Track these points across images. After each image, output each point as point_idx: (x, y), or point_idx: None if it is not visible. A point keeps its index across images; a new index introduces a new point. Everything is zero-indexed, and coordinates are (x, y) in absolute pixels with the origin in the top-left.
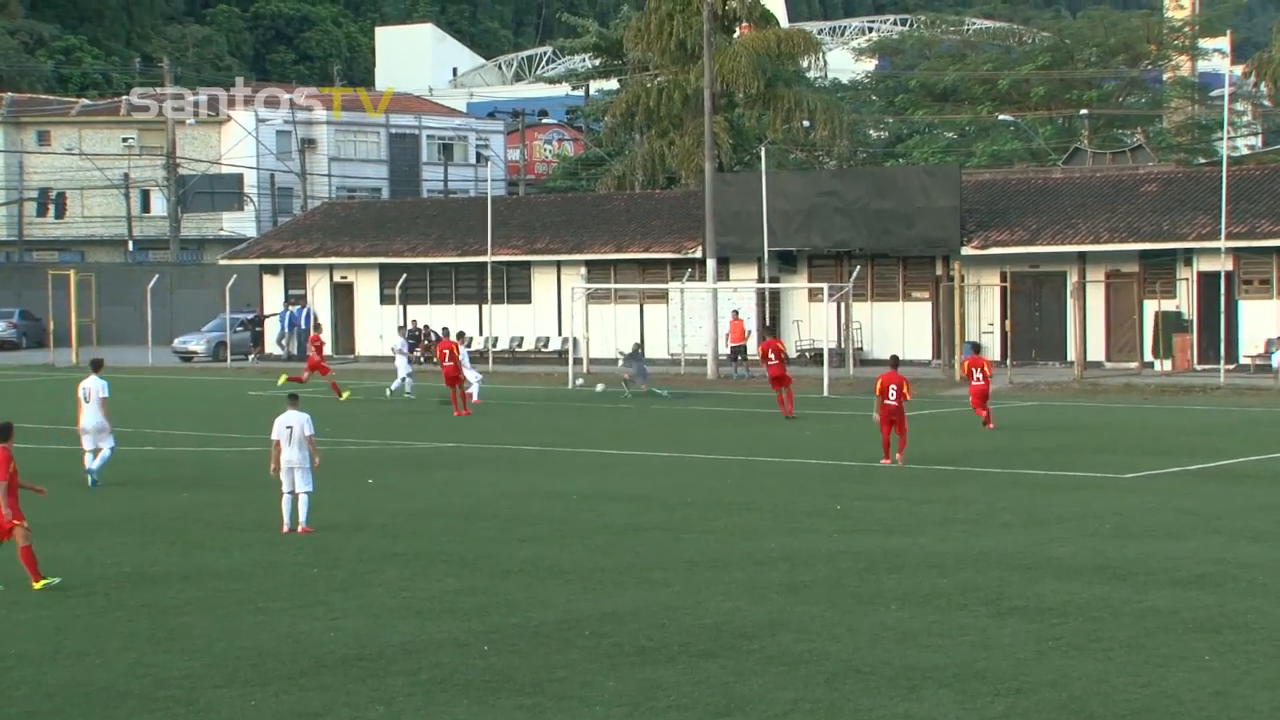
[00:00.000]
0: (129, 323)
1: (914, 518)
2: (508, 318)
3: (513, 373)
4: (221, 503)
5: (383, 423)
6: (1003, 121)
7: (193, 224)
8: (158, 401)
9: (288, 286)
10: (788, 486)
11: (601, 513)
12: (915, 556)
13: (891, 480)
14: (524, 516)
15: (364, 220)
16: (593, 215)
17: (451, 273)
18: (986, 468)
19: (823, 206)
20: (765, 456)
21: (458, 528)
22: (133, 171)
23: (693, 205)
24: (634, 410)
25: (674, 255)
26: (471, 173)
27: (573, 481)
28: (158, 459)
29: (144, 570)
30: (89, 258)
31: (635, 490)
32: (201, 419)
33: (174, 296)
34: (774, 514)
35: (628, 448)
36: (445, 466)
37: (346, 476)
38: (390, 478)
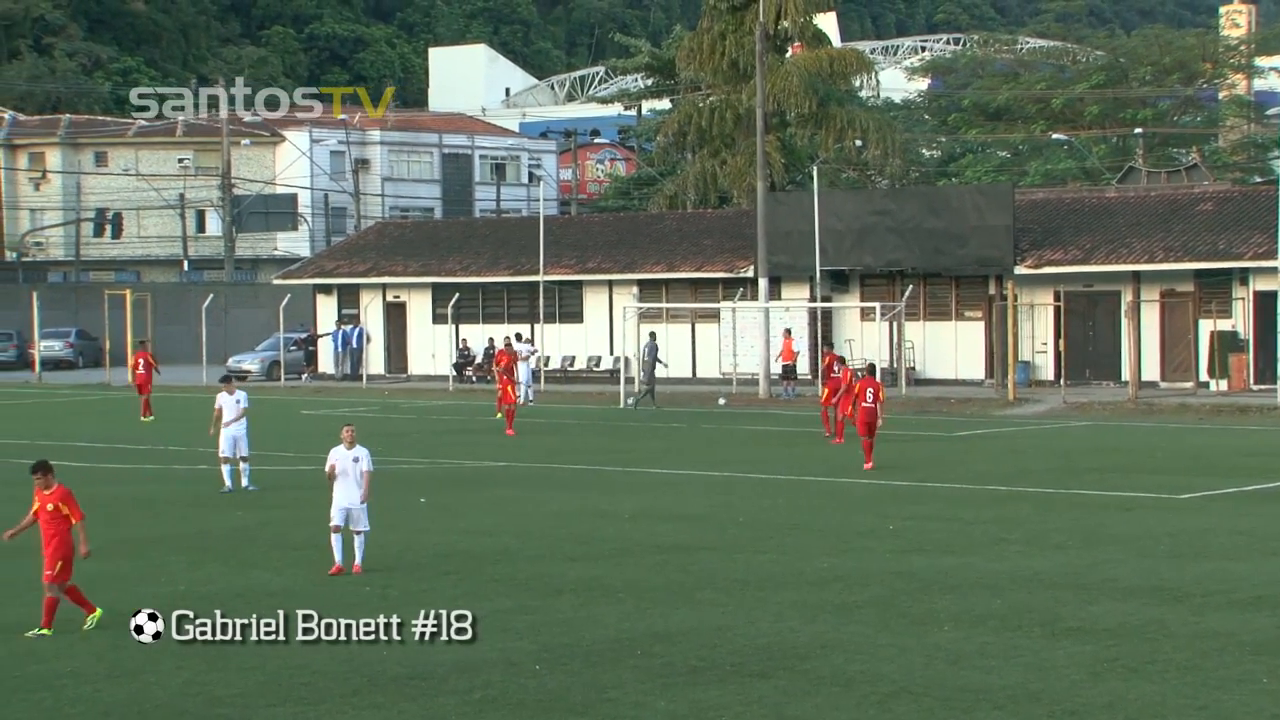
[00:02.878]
0: (184, 342)
1: (967, 538)
2: (560, 337)
3: (564, 392)
4: (274, 521)
5: (433, 442)
6: (1056, 140)
7: (247, 244)
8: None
9: (341, 306)
10: (839, 506)
11: (653, 532)
12: (969, 577)
13: (944, 501)
14: (575, 536)
15: (417, 240)
16: (645, 235)
17: (504, 292)
18: (1040, 488)
19: (875, 226)
20: (816, 476)
21: (509, 547)
22: (188, 192)
23: (744, 224)
24: (685, 430)
25: (726, 274)
26: (524, 192)
27: (624, 501)
28: (212, 478)
29: (198, 589)
30: (144, 277)
31: (687, 510)
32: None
33: (228, 316)
34: (825, 534)
35: (679, 467)
36: (496, 486)
37: (398, 495)
38: (442, 497)
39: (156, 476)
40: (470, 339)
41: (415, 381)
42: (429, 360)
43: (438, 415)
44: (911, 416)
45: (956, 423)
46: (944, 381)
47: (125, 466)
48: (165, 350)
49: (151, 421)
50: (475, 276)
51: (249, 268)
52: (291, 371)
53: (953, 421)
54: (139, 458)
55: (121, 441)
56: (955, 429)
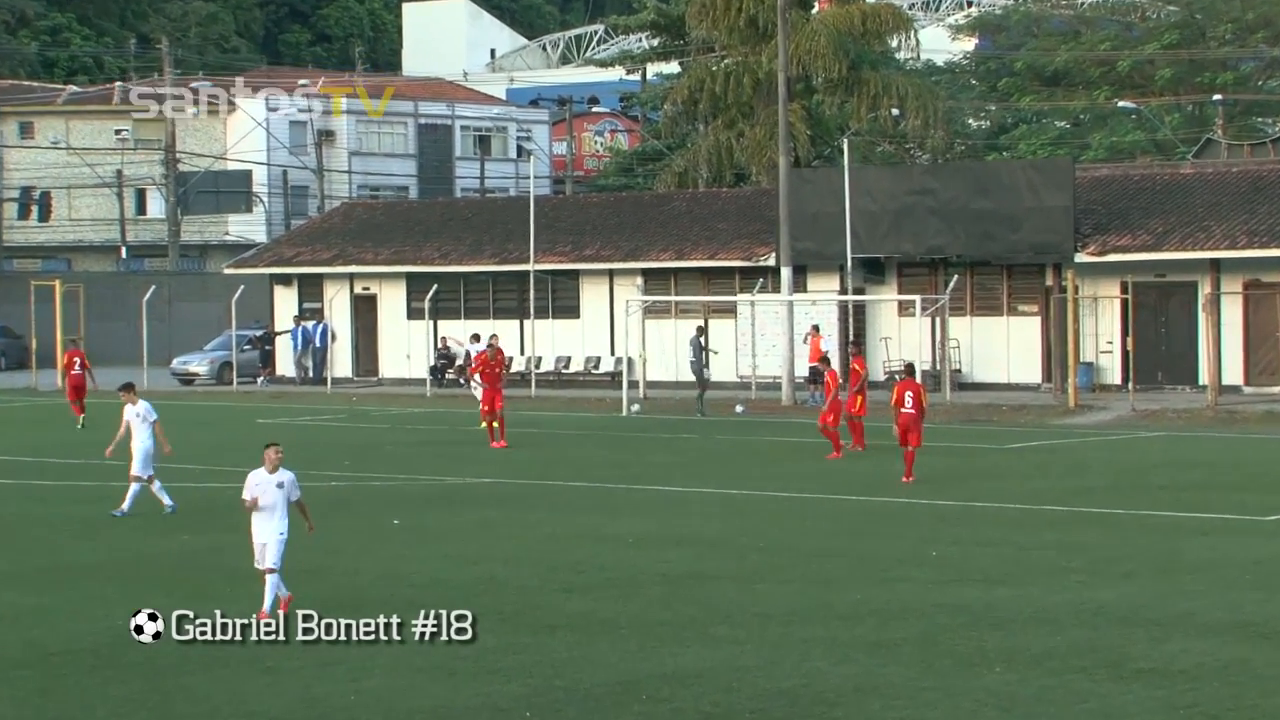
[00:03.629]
0: (122, 340)
1: (1021, 566)
2: (553, 335)
3: (558, 398)
4: (226, 546)
5: (408, 455)
6: (1122, 109)
7: (194, 228)
8: None
9: (302, 299)
10: (874, 529)
11: (661, 559)
12: (1023, 611)
13: (995, 523)
14: (571, 563)
15: (389, 223)
16: (650, 217)
17: (489, 283)
18: (1105, 508)
19: (915, 207)
20: (849, 494)
21: (496, 576)
22: (126, 168)
23: (765, 206)
24: (697, 441)
25: (743, 263)
26: (512, 169)
27: (628, 523)
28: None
29: None
30: (76, 266)
31: (700, 533)
32: (204, 450)
33: (173, 310)
34: (859, 560)
35: (691, 484)
36: (481, 505)
37: (368, 517)
38: (418, 519)
39: (92, 495)
40: (451, 337)
41: (388, 386)
42: (403, 361)
43: (414, 424)
44: (957, 426)
45: (1009, 433)
46: (994, 386)
47: (56, 483)
48: (100, 349)
49: (84, 431)
50: (456, 265)
51: (197, 255)
52: (245, 374)
53: (1004, 432)
54: (71, 473)
55: (52, 454)
56: (1007, 440)
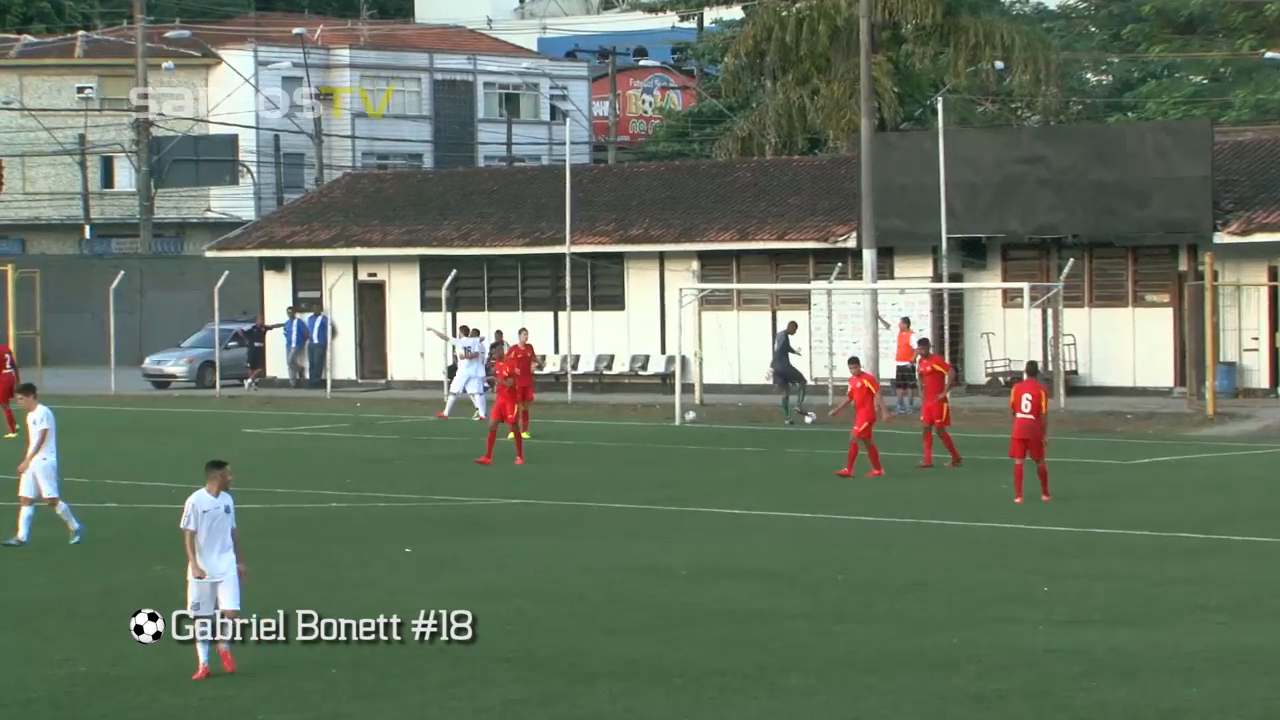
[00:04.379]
0: (85, 335)
1: (1151, 604)
2: (593, 329)
3: (599, 404)
4: None
5: (422, 471)
6: (1270, 61)
7: (170, 203)
8: (122, 442)
9: (297, 286)
10: (974, 560)
11: (720, 594)
12: (1153, 657)
13: (1118, 552)
14: (615, 599)
15: (400, 197)
16: (708, 190)
17: (517, 268)
18: (1251, 535)
19: (1022, 178)
20: (944, 519)
21: (525, 614)
22: (90, 133)
23: (844, 176)
24: (764, 455)
25: (818, 244)
26: (544, 133)
27: (681, 551)
28: (122, 520)
29: (105, 671)
30: (32, 248)
31: (766, 564)
32: (180, 466)
33: (145, 300)
34: (956, 597)
35: (755, 505)
36: (508, 531)
37: (375, 544)
38: (434, 546)
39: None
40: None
41: (398, 389)
42: (416, 361)
43: (429, 435)
44: (1073, 438)
45: (1134, 446)
46: (1116, 390)
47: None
48: (60, 346)
49: (18, 439)
50: (478, 247)
51: (173, 235)
52: (231, 376)
53: (1129, 445)
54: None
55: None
56: (1133, 455)
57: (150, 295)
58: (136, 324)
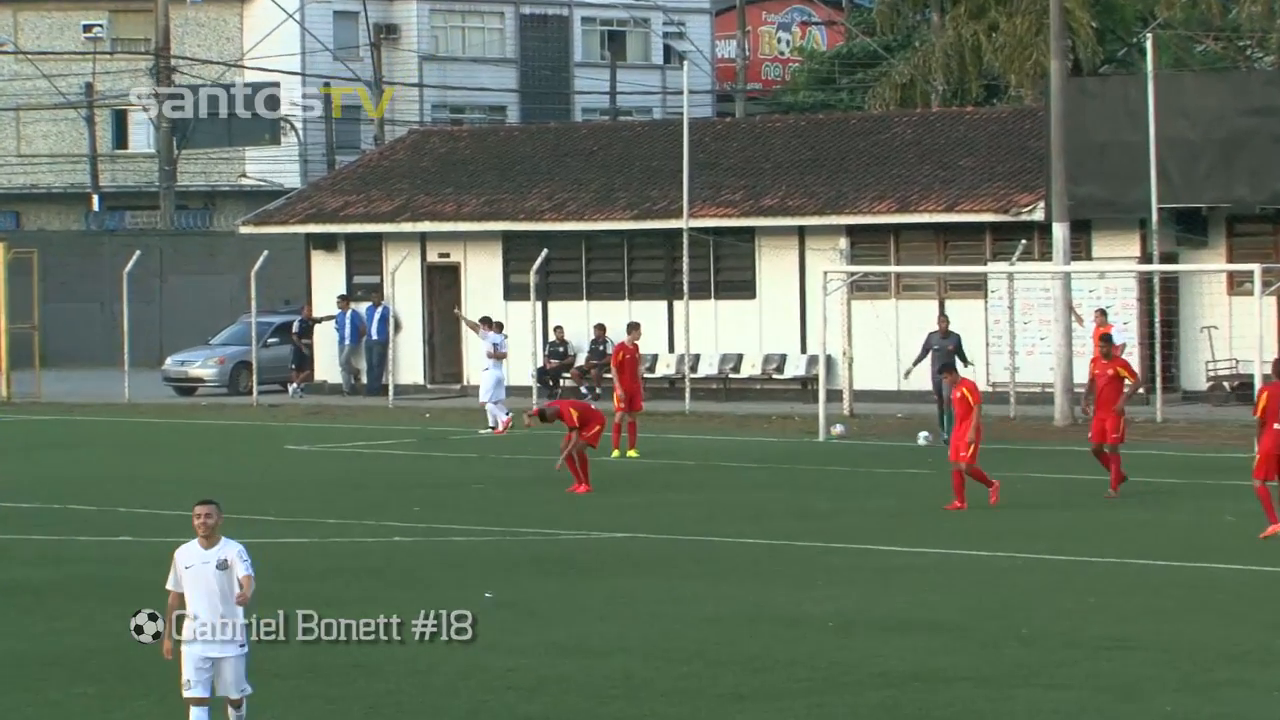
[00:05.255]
0: (92, 329)
1: None
2: (716, 323)
3: (724, 415)
4: None
5: (506, 499)
6: None
7: (197, 167)
8: (139, 461)
9: (352, 270)
10: (1194, 610)
11: (875, 651)
12: None
13: None
14: (743, 657)
15: (479, 159)
16: (859, 150)
17: (621, 246)
18: None
19: (1253, 135)
20: (1152, 558)
21: (632, 676)
22: (100, 81)
23: (1028, 133)
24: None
25: (996, 217)
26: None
27: (826, 599)
28: (139, 558)
29: None
30: (28, 222)
31: (931, 613)
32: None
33: (166, 287)
34: (1169, 655)
35: (918, 542)
36: (611, 572)
37: (448, 589)
38: (521, 590)
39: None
40: (567, 326)
41: (474, 396)
42: None
43: (513, 453)
44: None
45: None
46: None
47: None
48: (62, 342)
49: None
50: (575, 221)
51: (201, 207)
52: (271, 380)
53: None
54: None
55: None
56: None
57: (172, 281)
58: (155, 316)
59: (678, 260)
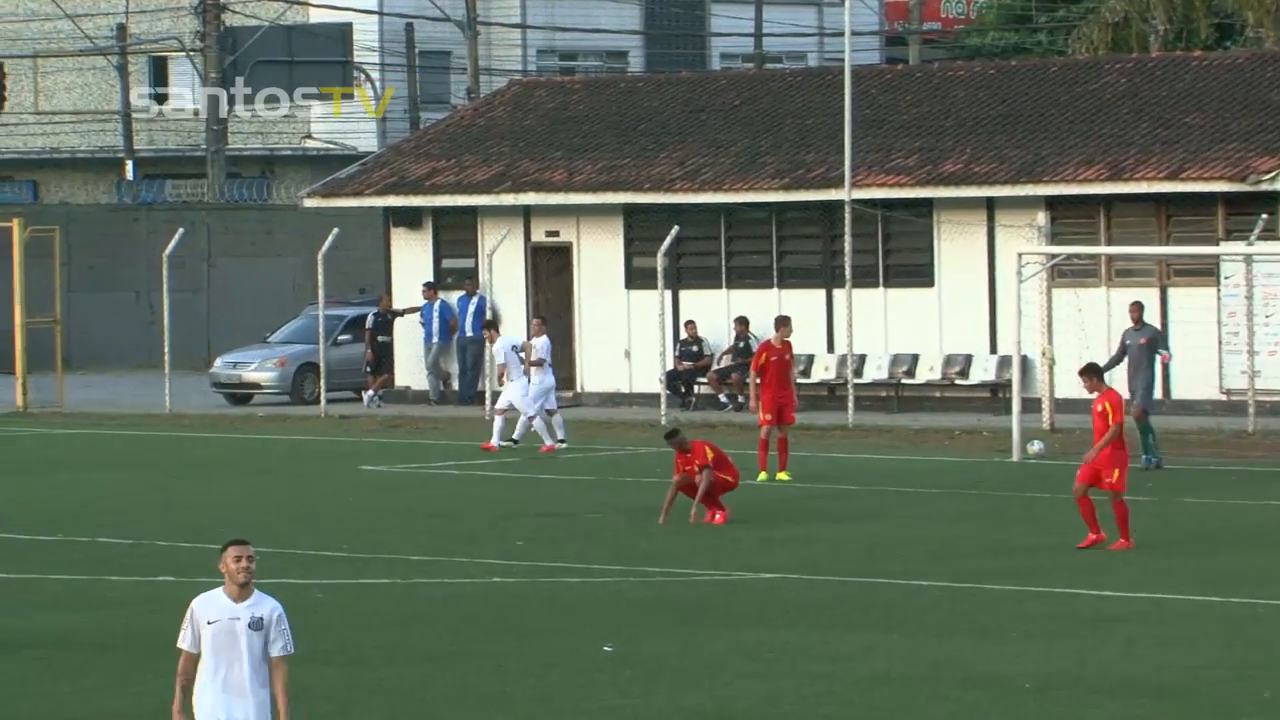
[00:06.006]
0: (126, 323)
1: None
2: (885, 316)
3: (896, 428)
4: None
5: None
6: None
7: (252, 127)
8: (181, 486)
9: (440, 252)
10: None
11: (1081, 718)
12: None
13: None
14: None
15: (595, 116)
16: (1061, 104)
17: (769, 223)
18: None
19: None
20: None
21: None
22: (134, 23)
23: (1269, 83)
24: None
25: (1230, 186)
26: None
27: (1023, 652)
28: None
29: None
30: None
31: (1150, 673)
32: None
33: (215, 272)
34: None
35: (1137, 583)
36: (756, 620)
37: (562, 638)
38: (647, 642)
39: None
40: (703, 320)
41: (591, 405)
42: (619, 362)
43: (637, 475)
44: None
45: None
46: None
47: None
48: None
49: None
50: (713, 192)
51: (257, 175)
52: (342, 385)
53: None
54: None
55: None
56: None
57: (223, 265)
58: (202, 307)
59: (838, 240)
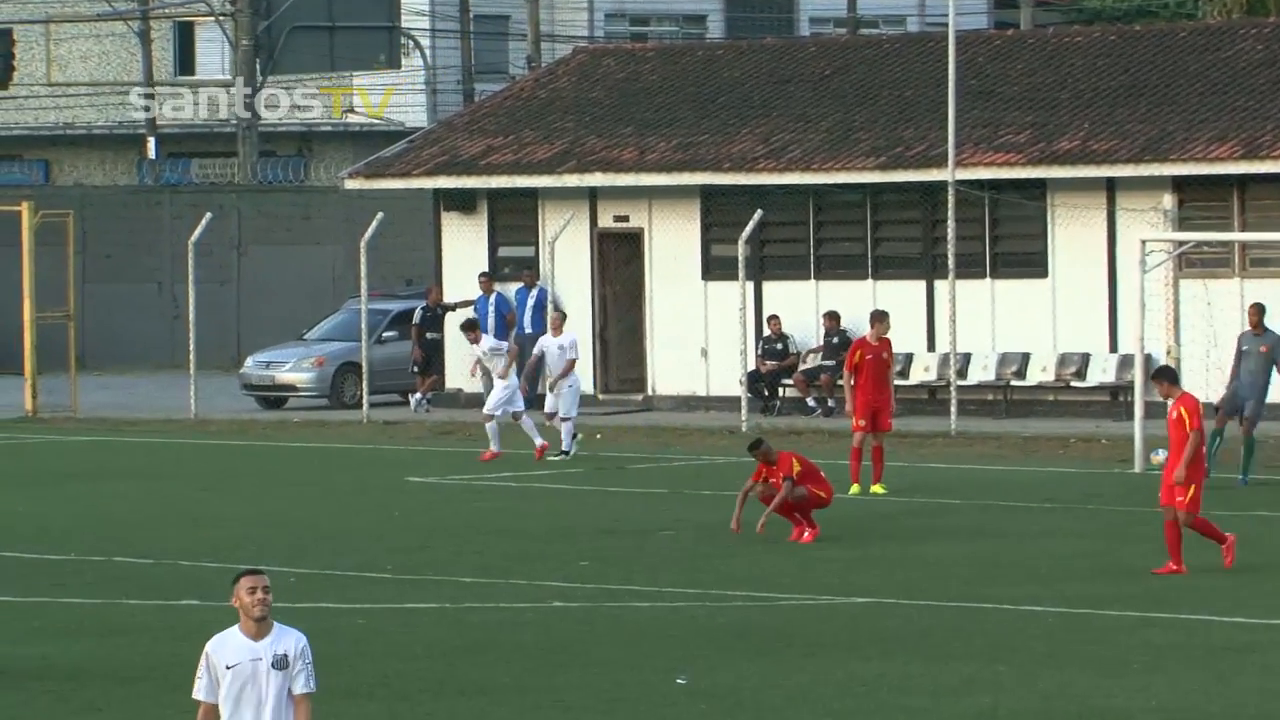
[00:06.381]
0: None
1: None
2: (993, 311)
3: (1004, 435)
4: None
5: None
6: None
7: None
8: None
9: (497, 239)
10: None
11: None
12: None
13: None
14: None
15: (669, 87)
16: (1189, 73)
17: (864, 206)
18: None
19: None
20: None
21: None
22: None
23: None
24: None
25: None
26: None
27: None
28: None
29: None
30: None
31: None
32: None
33: (246, 261)
34: None
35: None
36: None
37: (629, 669)
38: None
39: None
40: (788, 315)
41: (664, 409)
42: (694, 362)
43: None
44: None
45: None
46: None
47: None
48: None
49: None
50: (800, 172)
51: (293, 153)
52: (387, 388)
53: None
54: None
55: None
56: None
57: (255, 253)
58: (232, 300)
59: (940, 225)
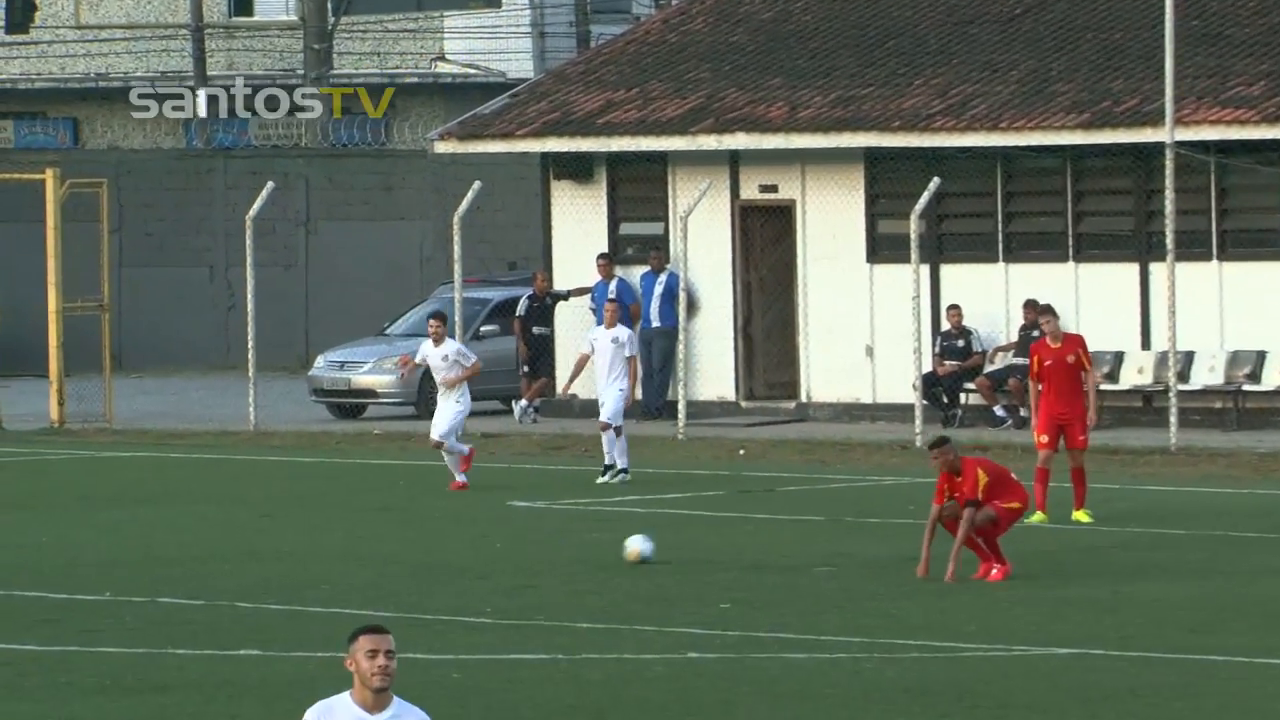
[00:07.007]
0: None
1: None
2: (1221, 301)
3: (1237, 451)
4: None
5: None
6: None
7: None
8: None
9: (618, 212)
10: None
11: None
12: None
13: None
14: None
15: (823, 31)
16: None
17: (1062, 174)
18: None
19: None
20: None
21: None
22: None
23: None
24: None
25: None
26: None
27: None
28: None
29: None
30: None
31: None
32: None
33: (315, 240)
34: None
35: None
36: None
37: None
38: None
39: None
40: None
41: (821, 419)
42: (858, 362)
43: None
44: None
45: None
46: None
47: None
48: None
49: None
50: (985, 131)
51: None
52: (486, 393)
53: None
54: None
55: None
56: None
57: (325, 230)
58: (299, 287)
59: (1156, 196)
